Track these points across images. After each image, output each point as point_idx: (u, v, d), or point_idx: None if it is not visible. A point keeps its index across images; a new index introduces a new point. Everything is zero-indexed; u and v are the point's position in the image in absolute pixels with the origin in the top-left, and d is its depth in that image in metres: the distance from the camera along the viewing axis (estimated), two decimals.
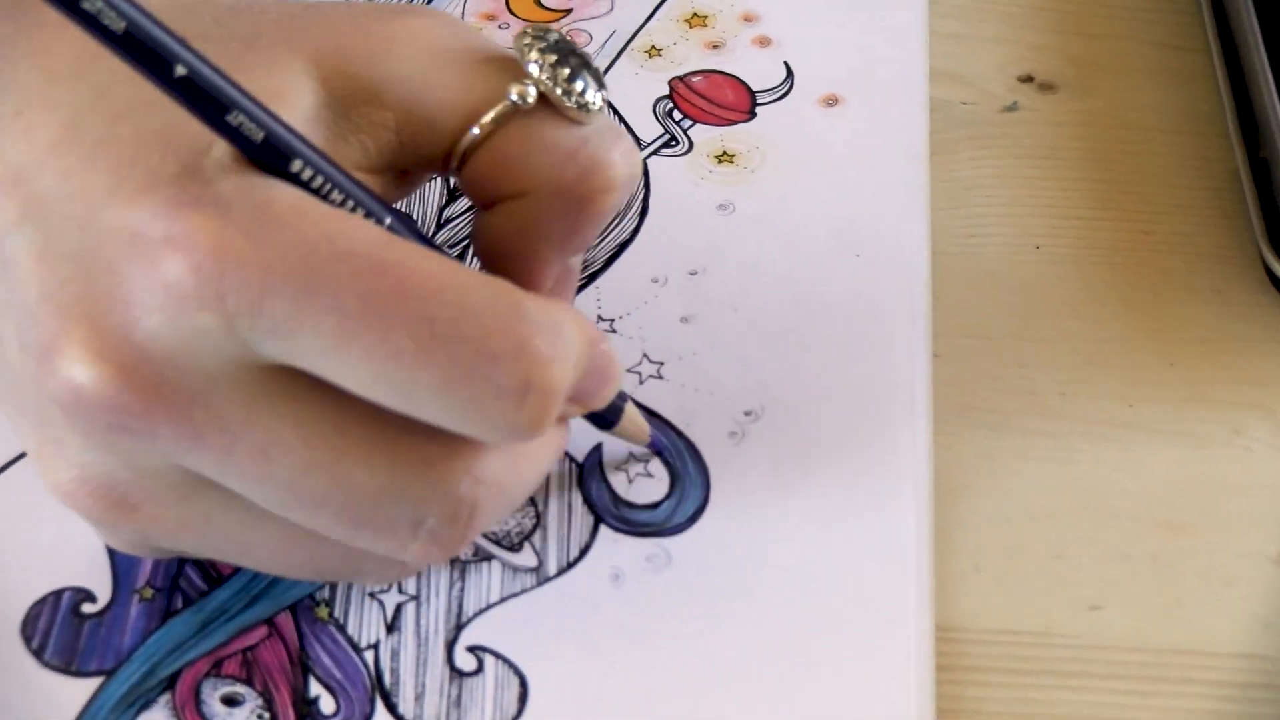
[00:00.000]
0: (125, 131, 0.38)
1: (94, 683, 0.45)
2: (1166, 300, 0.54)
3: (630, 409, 0.47)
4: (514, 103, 0.41)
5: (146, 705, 0.45)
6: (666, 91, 0.59)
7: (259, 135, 0.37)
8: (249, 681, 0.45)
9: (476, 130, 0.42)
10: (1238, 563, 0.48)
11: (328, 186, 0.38)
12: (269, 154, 0.37)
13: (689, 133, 0.58)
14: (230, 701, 0.45)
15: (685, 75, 0.60)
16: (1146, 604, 0.47)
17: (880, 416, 0.50)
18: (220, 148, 0.37)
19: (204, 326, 0.36)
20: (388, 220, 0.39)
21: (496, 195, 0.43)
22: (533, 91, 0.41)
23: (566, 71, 0.41)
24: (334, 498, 0.39)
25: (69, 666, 0.45)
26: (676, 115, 0.58)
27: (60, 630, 0.46)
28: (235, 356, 0.37)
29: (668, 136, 0.57)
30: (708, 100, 0.59)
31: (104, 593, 0.47)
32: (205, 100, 0.36)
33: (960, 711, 0.46)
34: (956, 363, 0.53)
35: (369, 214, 0.39)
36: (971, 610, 0.48)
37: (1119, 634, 0.47)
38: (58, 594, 0.47)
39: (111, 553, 0.47)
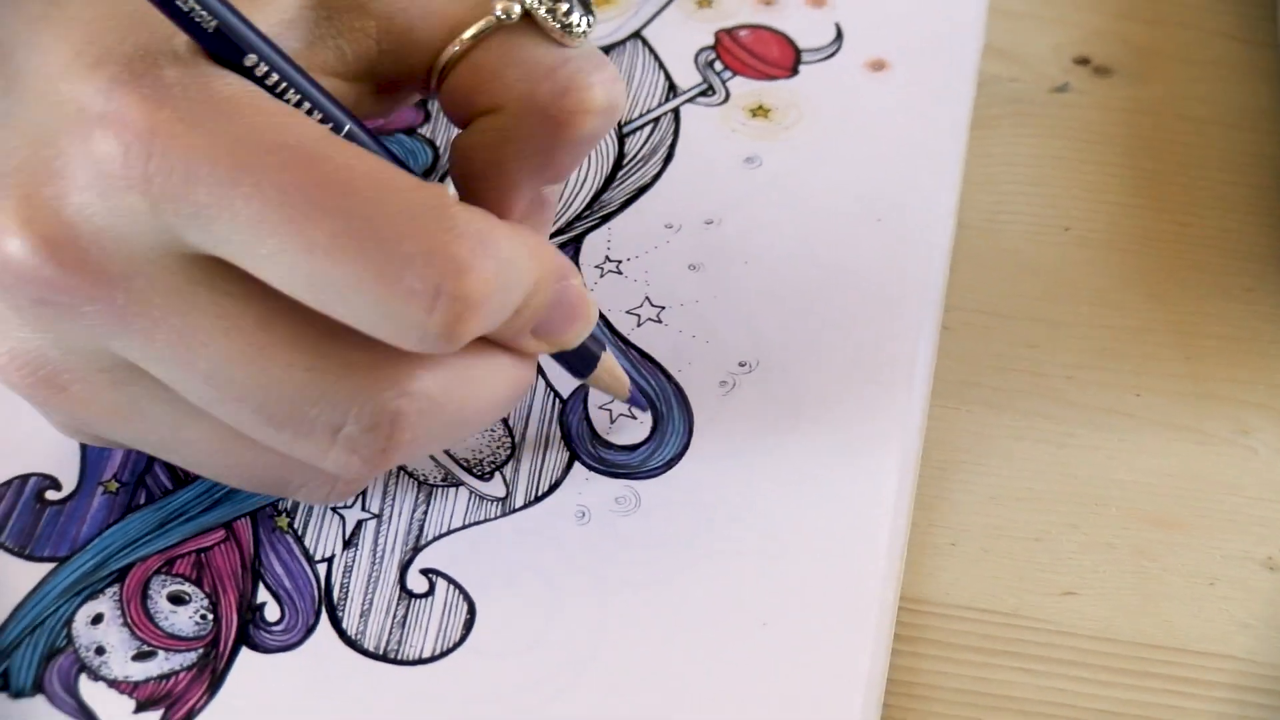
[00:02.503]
0: (99, 12, 0.38)
1: (45, 568, 0.45)
2: (1192, 294, 0.53)
3: (609, 360, 0.46)
4: (498, 18, 0.41)
5: (93, 595, 0.45)
6: (712, 42, 0.58)
7: (211, 24, 0.37)
8: (198, 582, 0.45)
9: (457, 45, 0.41)
10: (1224, 563, 0.47)
11: (283, 85, 0.38)
12: (222, 45, 0.37)
13: (728, 84, 0.57)
14: (176, 600, 0.45)
15: (733, 28, 0.59)
16: (1122, 595, 0.46)
17: (876, 383, 0.49)
18: (181, 38, 0.37)
19: (130, 207, 0.36)
20: (347, 126, 0.39)
21: (472, 112, 0.42)
22: (517, 9, 0.41)
23: None
24: (253, 393, 0.38)
25: (23, 550, 0.46)
26: (718, 66, 0.57)
27: (20, 514, 0.46)
28: (161, 241, 0.37)
29: (705, 85, 0.57)
30: (751, 54, 0.58)
31: (70, 482, 0.47)
32: None
33: (914, 684, 0.45)
34: (965, 337, 0.51)
35: (325, 117, 0.38)
36: (943, 585, 0.47)
37: (1088, 622, 0.46)
38: (24, 479, 0.47)
39: (84, 446, 0.47)
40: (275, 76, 0.38)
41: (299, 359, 0.38)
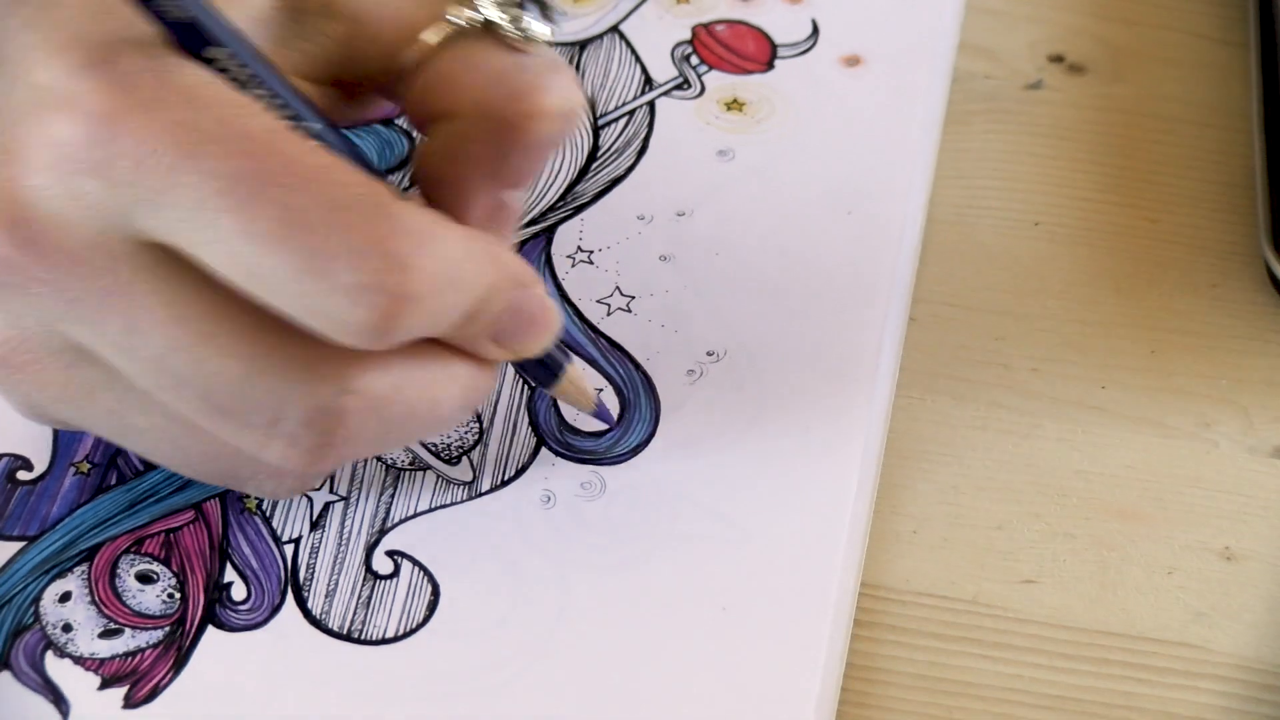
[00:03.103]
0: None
1: (14, 547, 0.46)
2: (1160, 290, 0.53)
3: (574, 373, 0.47)
4: (453, 23, 0.41)
5: (61, 573, 0.46)
6: (689, 37, 0.59)
7: (177, 14, 0.37)
8: (166, 561, 0.46)
9: (415, 51, 0.42)
10: (1182, 553, 0.47)
11: (248, 76, 0.39)
12: (188, 36, 0.38)
13: (703, 78, 0.57)
14: (144, 579, 0.45)
15: (709, 23, 0.59)
16: (1081, 584, 0.47)
17: (842, 373, 0.50)
18: (151, 28, 0.38)
19: (86, 190, 0.37)
20: (317, 126, 0.39)
21: (432, 118, 0.43)
22: (477, 16, 0.42)
23: None
24: (195, 382, 0.39)
25: None
26: (694, 60, 0.58)
27: None
28: (114, 225, 0.37)
29: (680, 79, 0.57)
30: (727, 48, 0.58)
31: (41, 462, 0.48)
32: None
33: (873, 669, 0.45)
34: (932, 329, 0.52)
35: (293, 113, 0.39)
36: (903, 572, 0.47)
37: (1047, 610, 0.46)
38: None
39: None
40: (240, 69, 0.38)
41: (242, 349, 0.39)
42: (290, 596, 0.45)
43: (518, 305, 0.41)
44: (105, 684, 0.44)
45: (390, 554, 0.46)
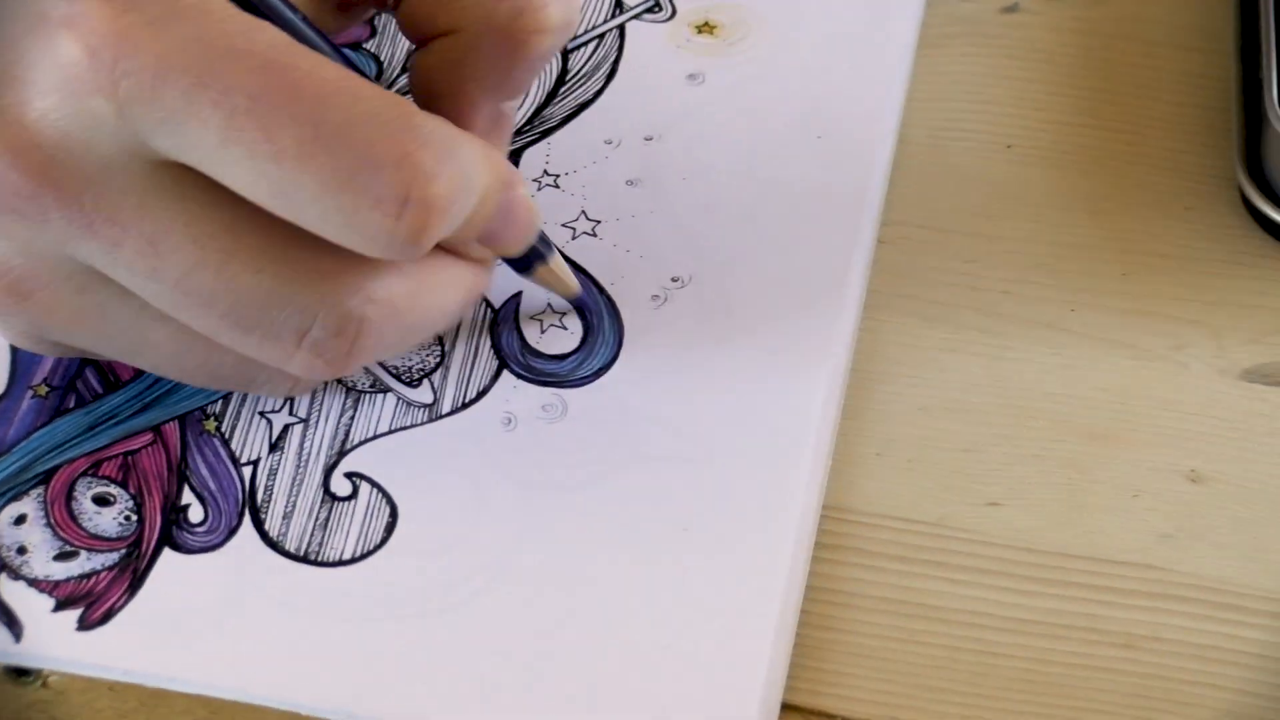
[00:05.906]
0: None
1: None
2: (1133, 213, 0.52)
3: (556, 261, 0.47)
4: None
5: (16, 497, 0.45)
6: None
7: None
8: (124, 484, 0.45)
9: None
10: (1149, 475, 0.47)
11: None
12: None
13: (674, 1, 0.57)
14: (101, 501, 0.45)
15: None
16: (1048, 506, 0.46)
17: (809, 296, 0.49)
18: None
19: (96, 111, 0.36)
20: (310, 36, 0.39)
21: (430, 31, 0.43)
22: None
23: None
24: (220, 299, 0.39)
25: None
26: None
27: None
28: (128, 146, 0.37)
29: (651, 2, 0.56)
30: None
31: None
32: None
33: (836, 591, 0.45)
34: (902, 252, 0.51)
35: (287, 27, 0.39)
36: (867, 494, 0.47)
37: (1013, 532, 0.46)
38: None
39: (15, 348, 0.47)
40: None
41: (266, 265, 0.38)
42: (248, 518, 0.45)
43: (505, 206, 0.42)
44: (60, 606, 0.44)
45: (349, 475, 0.46)
